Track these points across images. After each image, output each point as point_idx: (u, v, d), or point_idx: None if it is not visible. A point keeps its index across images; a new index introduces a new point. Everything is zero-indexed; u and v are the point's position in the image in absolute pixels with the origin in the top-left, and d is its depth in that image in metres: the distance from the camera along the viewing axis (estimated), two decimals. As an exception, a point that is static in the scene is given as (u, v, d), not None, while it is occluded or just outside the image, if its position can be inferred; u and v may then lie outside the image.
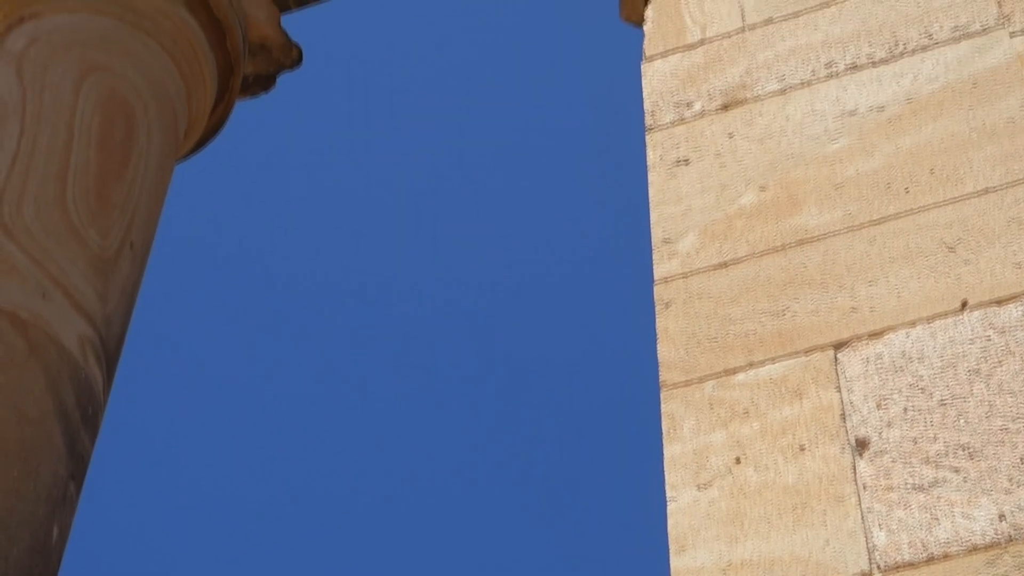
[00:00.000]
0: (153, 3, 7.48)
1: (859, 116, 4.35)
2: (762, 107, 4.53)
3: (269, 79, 8.43)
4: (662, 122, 4.66)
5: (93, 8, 7.39)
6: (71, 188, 6.72)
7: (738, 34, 4.83)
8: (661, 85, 4.78)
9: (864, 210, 4.08)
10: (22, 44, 7.28)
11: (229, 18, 7.75)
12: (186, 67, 7.54)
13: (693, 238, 4.24)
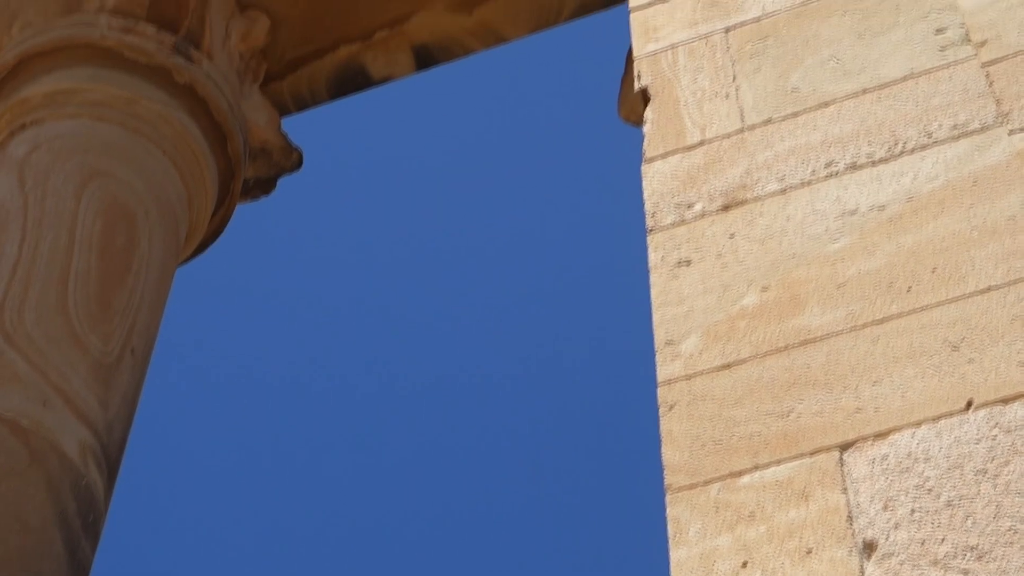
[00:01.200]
0: (154, 109, 7.53)
1: (860, 215, 4.35)
2: (763, 207, 4.53)
3: (270, 182, 8.47)
4: (663, 223, 4.66)
5: (95, 115, 7.44)
6: (72, 294, 6.73)
7: (738, 135, 4.84)
8: (661, 186, 4.79)
9: (867, 309, 4.07)
10: (24, 151, 7.33)
11: (230, 123, 7.79)
12: (187, 172, 7.58)
13: (696, 339, 4.23)
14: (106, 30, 7.66)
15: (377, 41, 8.42)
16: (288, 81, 8.55)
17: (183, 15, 7.81)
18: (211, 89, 7.74)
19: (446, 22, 8.35)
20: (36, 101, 7.49)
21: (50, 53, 7.65)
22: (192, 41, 7.81)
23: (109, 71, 7.60)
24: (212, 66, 7.84)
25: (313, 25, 8.36)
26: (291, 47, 8.42)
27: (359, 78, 8.56)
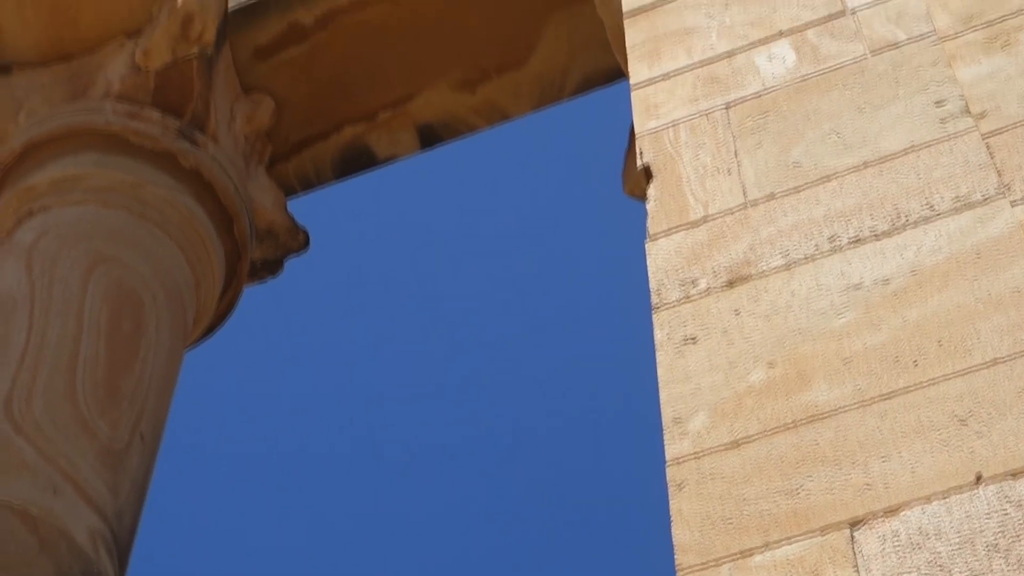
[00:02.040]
0: (160, 194, 7.56)
1: (864, 290, 4.35)
2: (767, 283, 4.53)
3: (276, 263, 8.49)
4: (668, 300, 4.65)
5: (101, 200, 7.47)
6: (80, 381, 6.73)
7: (741, 210, 4.85)
8: (666, 263, 4.79)
9: (874, 384, 4.06)
10: (31, 238, 7.35)
11: (236, 205, 7.82)
12: (194, 256, 7.60)
13: (704, 417, 4.22)
14: (111, 116, 7.70)
15: (381, 121, 8.47)
16: (293, 162, 8.59)
17: (188, 100, 7.85)
18: (217, 172, 7.77)
19: (449, 101, 8.39)
20: (42, 188, 7.52)
21: (56, 140, 7.69)
22: (197, 125, 7.85)
23: (115, 156, 7.64)
24: (217, 149, 7.88)
25: (317, 107, 8.40)
26: (296, 129, 8.46)
27: (364, 158, 8.60)
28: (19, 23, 7.99)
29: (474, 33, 8.13)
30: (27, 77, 8.06)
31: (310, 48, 8.21)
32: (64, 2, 7.91)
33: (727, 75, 5.46)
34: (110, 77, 7.87)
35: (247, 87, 8.29)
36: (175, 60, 7.81)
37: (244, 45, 8.19)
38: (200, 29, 7.77)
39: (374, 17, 8.09)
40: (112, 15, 7.93)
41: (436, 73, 8.30)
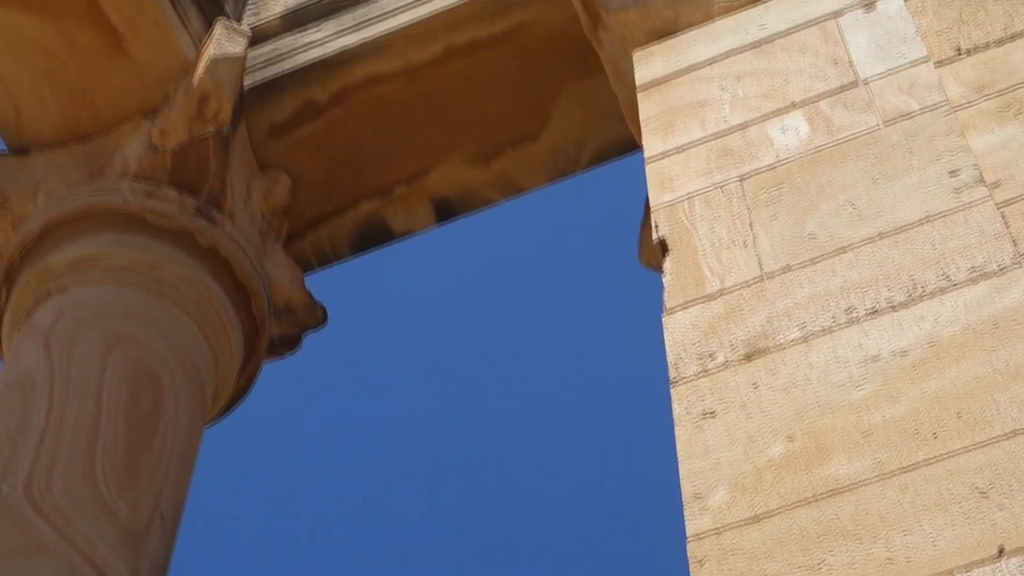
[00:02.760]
0: (178, 272, 7.58)
1: (882, 361, 4.33)
2: (785, 356, 4.52)
3: (295, 339, 8.50)
4: (686, 374, 4.65)
5: (119, 280, 7.49)
6: (100, 461, 6.73)
7: (757, 283, 4.85)
8: (683, 337, 4.79)
9: (894, 457, 4.04)
10: (50, 319, 7.37)
11: (253, 283, 7.84)
12: (212, 334, 7.61)
13: (724, 492, 4.20)
14: (129, 196, 7.74)
15: (397, 196, 8.49)
16: (310, 238, 8.61)
17: (205, 178, 7.88)
18: (234, 250, 7.79)
19: (464, 175, 8.42)
20: (60, 269, 7.55)
21: (74, 220, 7.71)
22: (214, 203, 7.88)
23: (132, 236, 7.66)
24: (235, 227, 7.90)
25: (333, 182, 8.44)
26: (312, 205, 8.49)
27: (380, 233, 8.62)
28: (37, 104, 8.05)
29: (488, 108, 8.16)
30: (45, 158, 8.11)
31: (325, 125, 8.24)
32: (81, 83, 7.96)
33: (741, 147, 5.47)
34: (127, 157, 7.92)
35: (263, 164, 8.33)
36: (192, 139, 7.85)
37: (260, 123, 8.23)
38: (216, 108, 7.82)
39: (388, 93, 8.13)
40: (129, 95, 7.98)
41: (451, 148, 8.34)
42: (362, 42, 8.03)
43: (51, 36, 7.79)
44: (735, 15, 6.20)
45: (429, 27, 7.94)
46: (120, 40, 7.80)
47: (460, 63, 8.01)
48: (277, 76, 8.17)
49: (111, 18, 7.72)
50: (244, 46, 7.96)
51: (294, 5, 8.43)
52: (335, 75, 8.12)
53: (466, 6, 7.87)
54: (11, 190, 8.06)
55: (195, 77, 7.80)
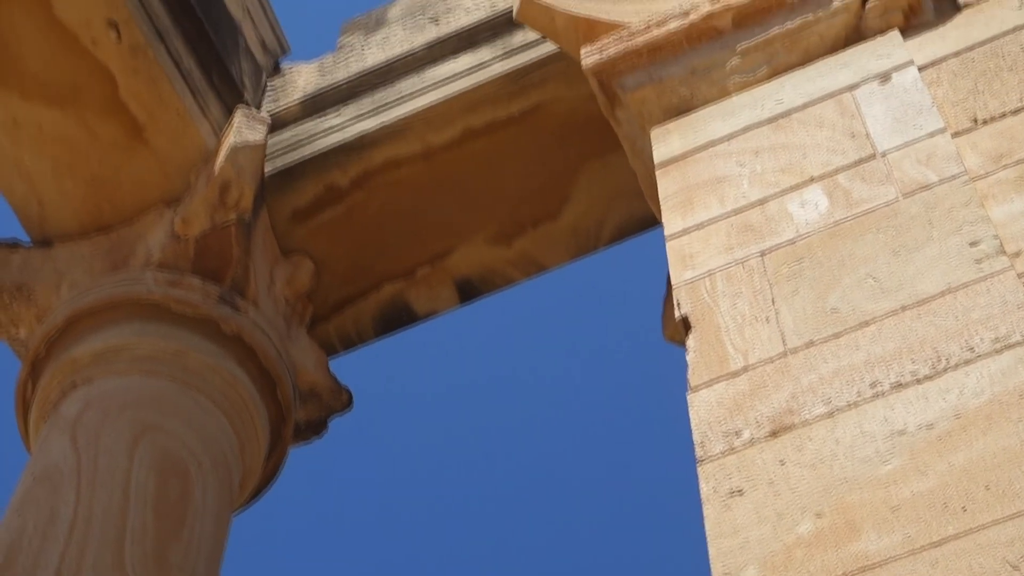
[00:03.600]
0: (203, 360, 7.60)
1: (909, 435, 4.31)
2: (811, 432, 4.50)
3: (320, 424, 8.51)
4: (712, 452, 4.63)
5: (144, 370, 7.51)
6: (129, 552, 6.73)
7: (780, 359, 4.83)
8: (708, 415, 4.77)
9: (923, 532, 4.02)
10: (76, 410, 7.39)
11: (278, 369, 7.86)
12: (238, 421, 7.62)
13: (753, 572, 4.17)
14: (152, 285, 7.77)
15: (419, 277, 8.52)
16: (334, 322, 8.64)
17: (228, 265, 7.92)
18: (258, 337, 7.81)
19: (486, 255, 8.45)
20: (85, 360, 7.57)
21: (98, 311, 7.75)
22: (238, 290, 7.91)
23: (157, 325, 7.69)
24: (258, 313, 7.93)
25: (356, 266, 8.47)
26: (335, 288, 8.52)
27: (404, 315, 8.64)
28: (59, 196, 8.11)
29: (508, 187, 8.20)
30: (68, 249, 8.15)
31: (347, 209, 8.29)
32: (103, 174, 8.01)
33: (761, 222, 5.47)
34: (150, 246, 7.95)
35: (286, 249, 8.36)
36: (214, 227, 7.89)
37: (281, 208, 8.28)
38: (237, 196, 7.86)
39: (408, 176, 8.17)
40: (150, 185, 8.03)
41: (472, 228, 8.36)
42: (381, 126, 8.09)
43: (72, 129, 7.86)
44: (751, 91, 6.21)
45: (447, 110, 7.99)
46: (141, 131, 7.86)
47: (479, 144, 8.05)
48: (298, 161, 8.22)
49: (131, 109, 7.78)
50: (264, 133, 8.01)
51: (313, 91, 8.49)
52: (355, 159, 8.17)
53: (483, 88, 7.92)
54: (35, 282, 8.10)
55: (216, 165, 7.85)
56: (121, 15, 7.57)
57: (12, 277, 8.16)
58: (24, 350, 8.08)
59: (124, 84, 7.72)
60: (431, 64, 8.21)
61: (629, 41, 6.69)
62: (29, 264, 8.18)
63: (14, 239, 8.28)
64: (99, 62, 7.66)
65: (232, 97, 8.26)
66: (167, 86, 7.76)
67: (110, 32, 7.58)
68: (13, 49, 7.63)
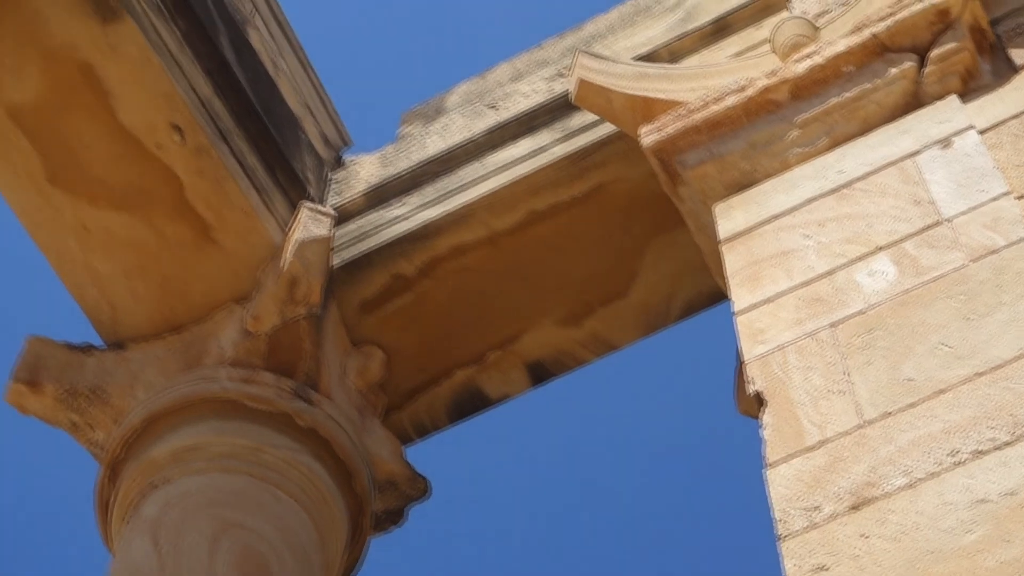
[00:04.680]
0: (280, 455, 7.63)
1: (992, 503, 4.28)
2: (892, 504, 4.48)
3: (398, 513, 8.51)
4: (794, 529, 4.61)
5: (222, 467, 7.55)
6: (215, 652, 6.74)
7: (857, 431, 4.81)
8: (787, 491, 4.76)
9: (1011, 602, 3.99)
10: (156, 511, 7.43)
11: (354, 461, 7.88)
12: (317, 514, 7.64)
13: (843, 648, 4.16)
14: (226, 382, 7.82)
15: (491, 362, 8.53)
16: (408, 410, 8.65)
17: (300, 359, 7.96)
18: (333, 429, 7.84)
19: (556, 337, 8.45)
20: (163, 460, 7.62)
21: (174, 411, 7.80)
22: (311, 384, 7.95)
23: (233, 422, 7.74)
24: (332, 406, 7.96)
25: (427, 353, 8.49)
26: (407, 377, 8.54)
27: (477, 400, 8.65)
28: (131, 299, 8.19)
29: (575, 268, 8.21)
30: (141, 350, 8.22)
31: (415, 297, 8.32)
32: (173, 274, 8.09)
33: (829, 294, 5.46)
34: (222, 344, 8.01)
35: (356, 340, 8.40)
36: (284, 322, 7.94)
37: (350, 300, 8.32)
38: (306, 290, 7.92)
39: (475, 262, 8.20)
40: (220, 284, 8.10)
41: (541, 311, 8.38)
42: (445, 213, 8.13)
43: (141, 232, 7.94)
44: (812, 162, 6.23)
45: (509, 194, 8.02)
46: (208, 230, 7.94)
47: (543, 227, 8.07)
48: (364, 253, 8.27)
49: (198, 210, 7.86)
50: (329, 226, 8.07)
51: (376, 182, 8.55)
52: (421, 248, 8.21)
53: (544, 172, 7.96)
54: (110, 385, 8.17)
55: (284, 261, 7.91)
56: (184, 118, 7.67)
57: (87, 381, 8.23)
58: (102, 452, 8.14)
59: (190, 185, 7.81)
60: (492, 150, 8.26)
61: (687, 118, 6.73)
62: (103, 367, 8.26)
63: (87, 343, 8.36)
64: (164, 165, 7.75)
65: (296, 192, 8.34)
66: (232, 185, 7.84)
67: (174, 135, 7.68)
68: (79, 156, 7.74)
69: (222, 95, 7.99)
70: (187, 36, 7.83)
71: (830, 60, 6.49)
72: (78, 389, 8.18)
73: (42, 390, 8.15)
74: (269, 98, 8.42)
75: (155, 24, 7.60)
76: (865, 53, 6.44)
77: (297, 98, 8.85)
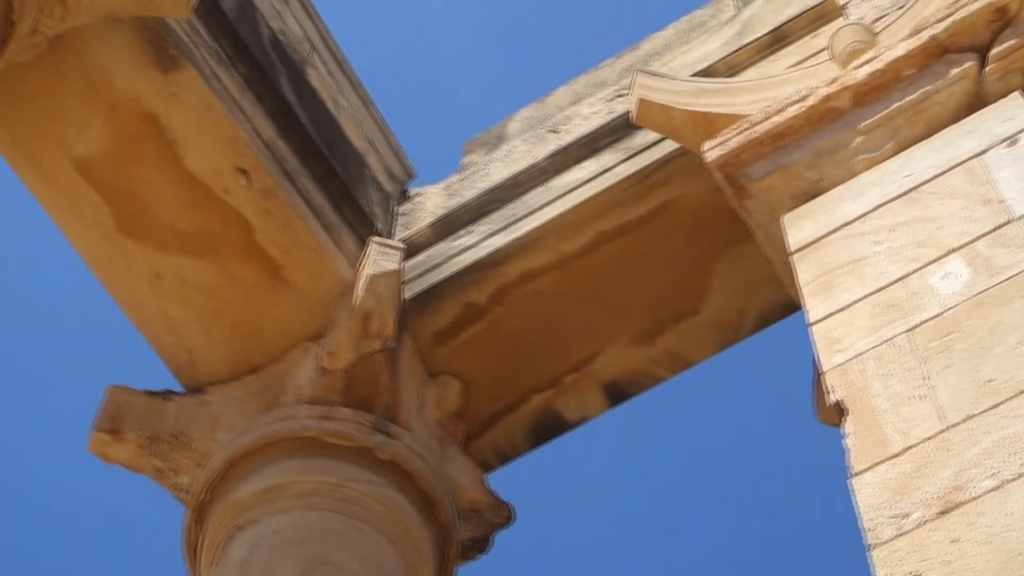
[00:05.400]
0: (363, 490, 7.67)
1: (1083, 500, 4.26)
2: (981, 507, 4.45)
3: (483, 541, 8.51)
4: (883, 538, 4.59)
5: (306, 505, 7.59)
6: None
7: (941, 435, 4.78)
8: (874, 499, 4.73)
9: (1110, 596, 3.96)
10: (243, 553, 7.47)
11: (437, 491, 7.90)
12: (403, 546, 7.67)
13: (940, 655, 4.13)
14: (306, 421, 7.87)
15: (567, 385, 8.53)
16: (487, 437, 8.67)
17: (377, 393, 8.00)
18: (414, 461, 7.87)
19: (631, 356, 8.45)
20: (248, 501, 7.67)
21: (256, 452, 7.86)
22: (389, 417, 7.98)
23: (314, 460, 7.78)
24: (412, 438, 7.99)
25: (503, 380, 8.50)
26: (485, 405, 8.56)
27: (555, 424, 8.66)
28: (207, 343, 8.25)
29: (645, 287, 8.20)
30: (220, 393, 8.29)
31: (488, 325, 8.34)
32: (247, 316, 8.15)
33: (904, 299, 5.44)
34: (299, 382, 8.06)
35: (432, 371, 8.43)
36: (360, 357, 7.98)
37: (424, 331, 8.35)
38: (380, 324, 7.96)
39: (545, 286, 8.22)
40: (293, 323, 8.15)
41: (614, 331, 8.38)
42: (513, 240, 8.15)
43: (213, 276, 8.01)
44: (878, 168, 6.20)
45: (576, 217, 8.04)
46: (279, 271, 8.00)
47: (611, 248, 8.08)
48: (435, 284, 8.30)
49: (269, 251, 7.92)
50: (399, 260, 8.11)
51: (443, 213, 8.59)
52: (491, 275, 8.23)
53: (609, 192, 7.96)
54: (192, 429, 8.23)
55: (356, 297, 7.95)
56: (249, 161, 7.73)
57: (169, 426, 8.30)
58: (187, 496, 8.20)
59: (259, 227, 7.87)
60: (555, 174, 8.27)
61: (750, 131, 6.72)
62: (184, 412, 8.32)
63: (167, 389, 8.43)
64: (232, 208, 7.82)
65: (364, 227, 8.38)
66: (300, 225, 7.90)
67: (240, 179, 7.75)
68: (148, 204, 7.81)
69: (285, 136, 8.05)
70: (248, 80, 7.90)
71: (890, 64, 6.48)
72: (160, 435, 8.24)
73: (125, 438, 8.22)
74: (332, 136, 8.48)
75: (215, 70, 7.67)
76: (925, 55, 6.42)
77: (359, 134, 8.90)
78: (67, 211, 7.84)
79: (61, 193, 7.77)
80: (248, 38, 7.98)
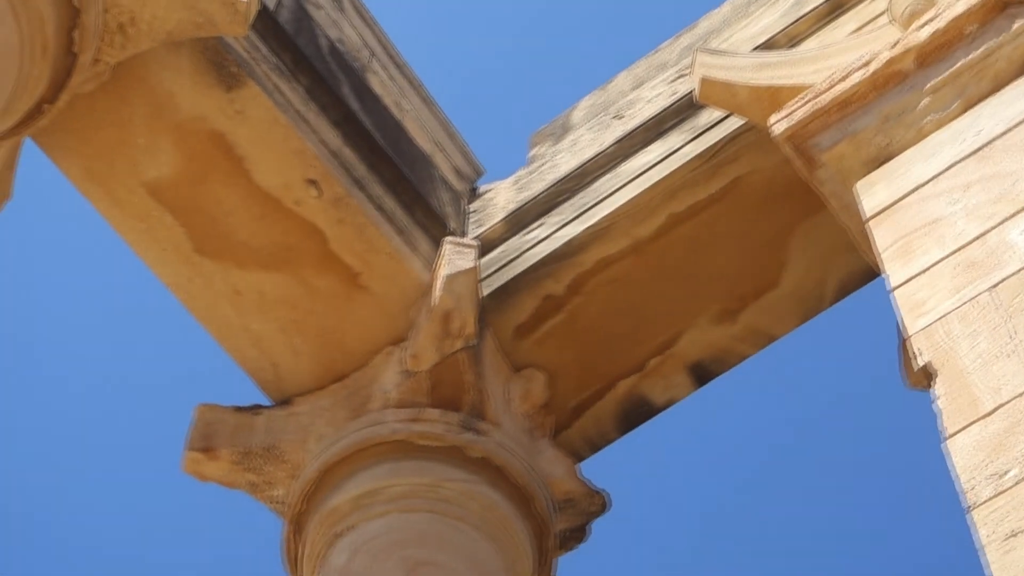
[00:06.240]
0: (457, 488, 7.71)
1: None
2: (1081, 461, 4.43)
3: (580, 530, 8.53)
4: (982, 498, 4.57)
5: (402, 507, 7.63)
6: None
7: (1033, 391, 4.76)
8: (970, 460, 4.71)
9: None
10: (344, 559, 7.53)
11: (530, 484, 7.92)
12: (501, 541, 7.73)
13: (1048, 612, 4.11)
14: (395, 424, 7.91)
15: (652, 369, 8.52)
16: (576, 427, 8.67)
17: (463, 392, 8.03)
18: (505, 456, 7.90)
19: (713, 335, 8.43)
20: (345, 509, 7.72)
21: (348, 459, 7.92)
22: (477, 414, 8.01)
23: (406, 462, 7.83)
24: (501, 433, 8.01)
25: (587, 369, 8.51)
26: (571, 395, 8.57)
27: (643, 409, 8.65)
28: (291, 355, 8.32)
29: (722, 265, 8.18)
30: (308, 403, 8.35)
31: (568, 315, 8.34)
32: (328, 325, 8.21)
33: (984, 257, 5.40)
34: (385, 387, 8.10)
35: (516, 365, 8.44)
36: (443, 357, 8.01)
37: (504, 326, 8.37)
38: (460, 323, 7.98)
39: (621, 272, 8.21)
40: (374, 328, 8.20)
41: (694, 311, 8.36)
42: (586, 229, 8.14)
43: (292, 288, 8.07)
44: (948, 127, 6.16)
45: (647, 201, 8.02)
46: (356, 278, 8.05)
47: (685, 228, 8.06)
48: (512, 278, 8.31)
49: (345, 260, 7.97)
50: (474, 257, 8.13)
51: (514, 207, 8.60)
52: (566, 266, 8.23)
53: (679, 173, 7.94)
54: (283, 442, 8.29)
55: (434, 298, 7.99)
56: (318, 172, 7.78)
57: (260, 440, 8.36)
58: (283, 508, 8.26)
59: (333, 236, 7.92)
60: (623, 159, 8.26)
61: (815, 101, 6.69)
62: (273, 424, 8.39)
63: (255, 404, 8.49)
64: (305, 220, 7.87)
65: (437, 228, 8.42)
66: (374, 231, 7.94)
67: (311, 190, 7.80)
68: (222, 222, 7.88)
69: (352, 144, 8.09)
70: (310, 91, 7.95)
71: (951, 23, 6.43)
72: (252, 449, 8.31)
73: (217, 455, 8.30)
74: (397, 140, 8.52)
75: (277, 84, 7.72)
76: (986, 11, 6.37)
77: (425, 135, 8.93)
78: (144, 236, 7.92)
79: (136, 219, 7.85)
80: (307, 49, 8.03)
